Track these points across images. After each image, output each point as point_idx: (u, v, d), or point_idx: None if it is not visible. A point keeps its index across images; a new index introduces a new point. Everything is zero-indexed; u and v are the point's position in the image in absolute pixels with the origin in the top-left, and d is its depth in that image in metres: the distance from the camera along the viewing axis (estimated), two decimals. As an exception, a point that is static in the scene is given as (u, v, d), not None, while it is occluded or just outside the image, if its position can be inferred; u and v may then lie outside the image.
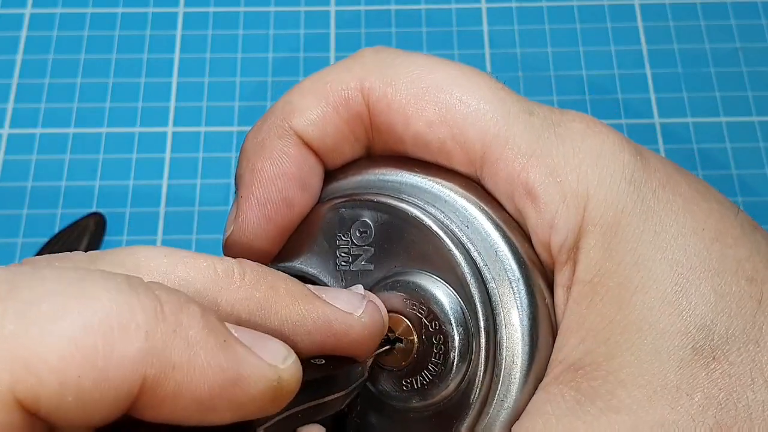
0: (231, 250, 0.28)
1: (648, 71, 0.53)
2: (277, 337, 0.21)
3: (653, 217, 0.24)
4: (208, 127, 0.52)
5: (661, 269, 0.24)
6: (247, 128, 0.28)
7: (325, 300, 0.23)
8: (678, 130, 0.51)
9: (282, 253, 0.29)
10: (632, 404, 0.23)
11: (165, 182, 0.50)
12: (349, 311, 0.23)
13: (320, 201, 0.29)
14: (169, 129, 0.52)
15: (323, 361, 0.23)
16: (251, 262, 0.23)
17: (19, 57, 0.54)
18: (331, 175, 0.29)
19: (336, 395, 0.23)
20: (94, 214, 0.49)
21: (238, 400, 0.19)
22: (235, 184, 0.28)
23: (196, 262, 0.21)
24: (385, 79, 0.27)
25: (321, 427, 0.22)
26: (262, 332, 0.21)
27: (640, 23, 0.55)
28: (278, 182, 0.27)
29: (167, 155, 0.51)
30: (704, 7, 0.55)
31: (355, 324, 0.23)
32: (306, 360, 0.22)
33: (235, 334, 0.19)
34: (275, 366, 0.19)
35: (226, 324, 0.20)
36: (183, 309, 0.19)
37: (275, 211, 0.27)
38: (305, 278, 0.29)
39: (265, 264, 0.28)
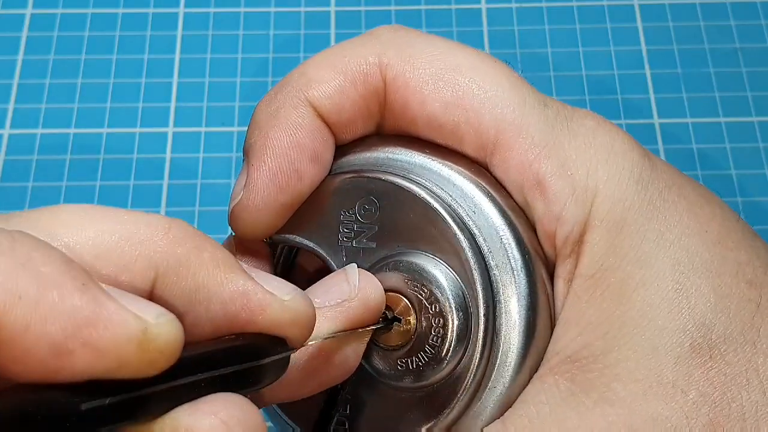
0: (237, 219, 0.27)
1: (648, 71, 0.53)
2: (190, 301, 0.21)
3: (658, 216, 0.25)
4: (209, 128, 0.52)
5: (663, 268, 0.24)
6: (251, 117, 0.28)
7: (249, 275, 0.22)
8: (677, 130, 0.51)
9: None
10: (627, 398, 0.23)
11: (165, 182, 0.50)
12: (273, 292, 0.22)
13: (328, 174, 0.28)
14: (170, 129, 0.52)
15: (235, 336, 0.22)
16: (183, 222, 0.22)
17: (19, 57, 0.54)
18: (340, 149, 0.29)
19: (248, 365, 0.21)
20: (95, 214, 0.49)
21: (96, 344, 0.17)
22: (244, 152, 0.28)
23: (118, 215, 0.21)
24: (404, 57, 0.27)
25: (238, 395, 0.21)
26: (175, 294, 0.21)
27: (639, 24, 0.55)
28: (291, 153, 0.27)
29: (168, 155, 0.51)
30: (704, 7, 0.55)
31: (274, 303, 0.22)
32: (220, 336, 0.22)
33: (103, 286, 0.18)
34: (142, 318, 0.18)
35: (97, 282, 0.19)
36: (39, 249, 0.18)
37: (286, 181, 0.27)
38: (304, 251, 0.29)
39: (270, 236, 0.28)
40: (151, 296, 0.21)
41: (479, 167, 0.27)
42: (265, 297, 0.22)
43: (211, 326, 0.21)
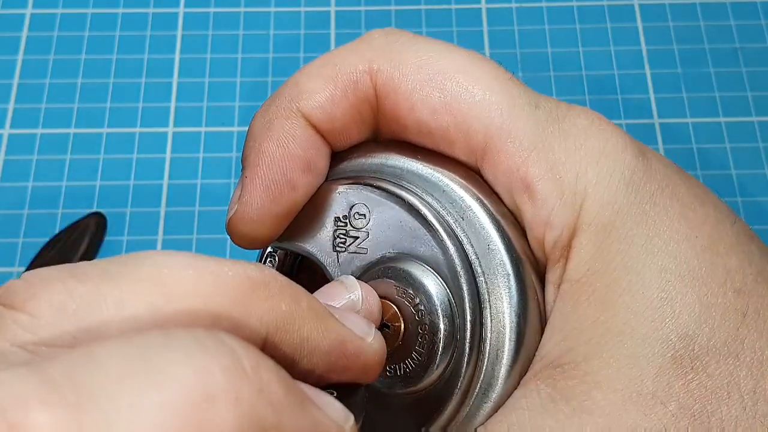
0: (234, 230, 0.27)
1: (648, 71, 0.53)
2: (295, 356, 0.21)
3: (648, 220, 0.24)
4: (209, 128, 0.52)
5: (649, 274, 0.24)
6: (248, 128, 0.28)
7: (340, 321, 0.22)
8: (677, 130, 0.51)
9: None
10: (606, 407, 0.23)
11: (165, 182, 0.50)
12: (361, 335, 0.23)
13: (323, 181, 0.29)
14: (170, 129, 0.52)
15: (335, 393, 0.22)
16: (268, 268, 0.22)
17: (19, 57, 0.54)
18: (338, 156, 0.29)
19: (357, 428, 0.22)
20: (95, 214, 0.49)
21: None
22: (242, 163, 0.28)
23: (223, 274, 0.20)
24: (393, 63, 0.27)
25: None
26: (283, 351, 0.21)
27: (639, 23, 0.55)
28: (283, 164, 0.27)
29: (168, 155, 0.51)
30: (704, 7, 0.55)
31: (365, 347, 0.22)
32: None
33: (306, 391, 0.19)
34: (341, 426, 0.19)
35: (303, 389, 0.19)
36: (260, 363, 0.17)
37: (279, 192, 0.27)
38: (301, 256, 0.29)
39: (267, 244, 0.29)
40: None
41: (471, 173, 0.28)
42: (358, 342, 0.22)
43: (312, 376, 0.22)
